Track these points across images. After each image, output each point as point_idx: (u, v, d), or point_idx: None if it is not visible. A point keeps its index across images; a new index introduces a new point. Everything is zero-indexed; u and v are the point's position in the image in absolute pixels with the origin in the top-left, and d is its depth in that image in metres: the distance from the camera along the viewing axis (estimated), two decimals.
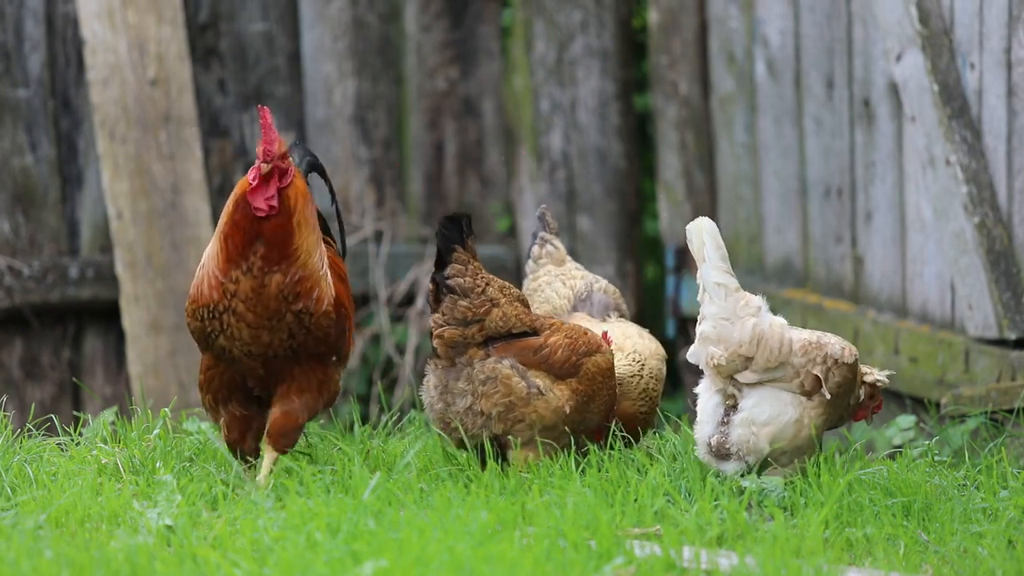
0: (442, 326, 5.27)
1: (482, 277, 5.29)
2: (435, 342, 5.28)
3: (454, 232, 5.28)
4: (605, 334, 5.58)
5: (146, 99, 7.58)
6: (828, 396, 5.21)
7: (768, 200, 7.61)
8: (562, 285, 5.94)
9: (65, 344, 7.65)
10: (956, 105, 6.42)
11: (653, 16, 8.03)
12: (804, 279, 7.45)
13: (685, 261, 7.93)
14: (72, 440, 5.43)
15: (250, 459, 5.19)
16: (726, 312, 5.25)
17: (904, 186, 6.81)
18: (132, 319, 7.50)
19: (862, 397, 5.38)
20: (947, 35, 6.48)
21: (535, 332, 5.33)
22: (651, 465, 5.16)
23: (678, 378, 8.05)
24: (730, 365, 5.21)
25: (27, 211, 7.52)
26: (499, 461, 5.27)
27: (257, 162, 5.00)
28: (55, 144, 7.56)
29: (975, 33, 6.35)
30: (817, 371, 5.22)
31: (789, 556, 4.33)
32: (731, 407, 5.25)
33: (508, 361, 5.27)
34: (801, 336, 5.25)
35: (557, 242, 6.13)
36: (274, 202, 5.00)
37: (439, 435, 5.36)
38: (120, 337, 7.62)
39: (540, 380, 5.29)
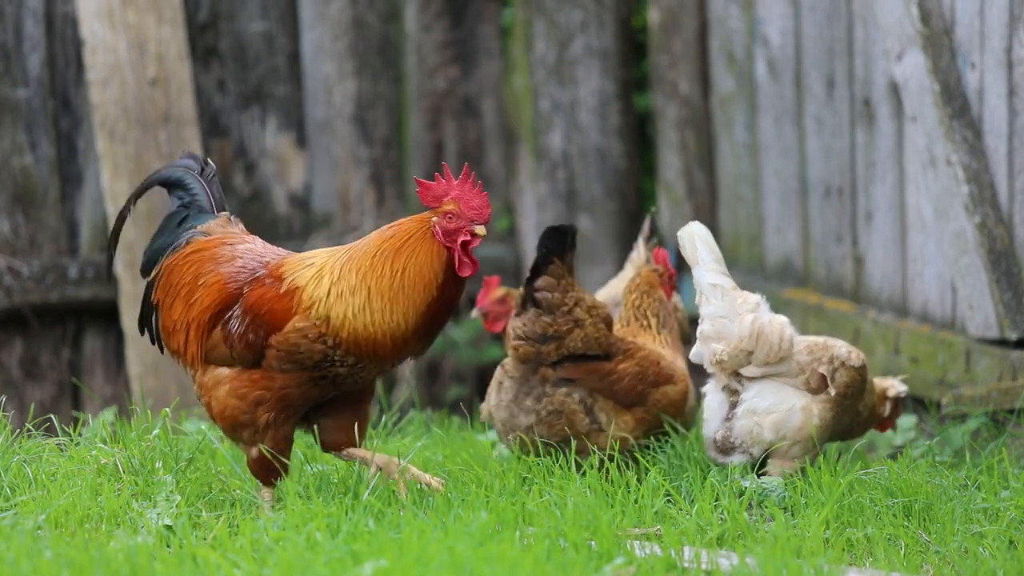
0: (520, 339, 5.22)
1: (572, 295, 5.21)
2: (509, 352, 5.25)
3: (556, 244, 5.20)
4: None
5: (146, 99, 7.57)
6: (834, 392, 5.22)
7: (768, 200, 7.60)
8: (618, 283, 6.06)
9: (65, 344, 7.64)
10: (957, 105, 6.41)
11: (653, 16, 8.02)
12: (804, 279, 7.44)
13: (685, 261, 7.92)
14: (71, 440, 5.42)
15: (276, 482, 4.87)
16: (723, 311, 5.27)
17: (905, 186, 6.80)
18: (132, 319, 7.48)
19: (887, 411, 5.43)
20: (948, 35, 6.47)
21: (608, 356, 5.29)
22: (651, 465, 5.16)
23: None
24: (732, 360, 5.24)
25: (27, 211, 7.51)
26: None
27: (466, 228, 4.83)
28: (55, 144, 7.55)
29: (976, 33, 6.35)
30: (823, 370, 5.23)
31: (790, 556, 4.33)
32: (735, 403, 5.27)
33: (578, 394, 5.24)
34: (808, 338, 5.30)
35: (642, 248, 6.15)
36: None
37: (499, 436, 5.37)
38: (120, 337, 7.61)
39: (603, 413, 5.26)
